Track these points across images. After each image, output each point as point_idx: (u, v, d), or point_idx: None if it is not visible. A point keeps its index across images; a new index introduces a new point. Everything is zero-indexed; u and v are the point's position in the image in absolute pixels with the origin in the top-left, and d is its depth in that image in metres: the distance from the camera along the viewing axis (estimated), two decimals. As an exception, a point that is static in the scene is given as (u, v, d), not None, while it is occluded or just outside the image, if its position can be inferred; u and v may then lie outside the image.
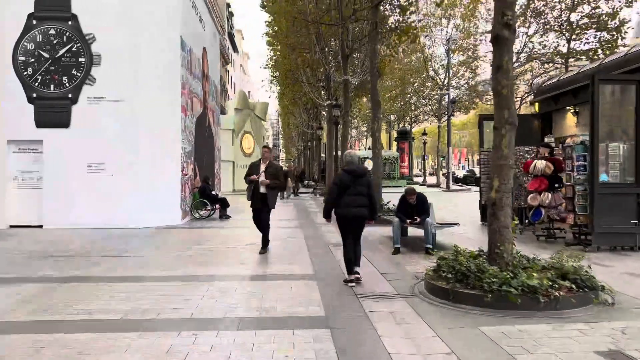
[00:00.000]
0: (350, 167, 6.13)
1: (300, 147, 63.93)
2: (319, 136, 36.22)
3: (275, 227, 12.45)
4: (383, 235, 10.64)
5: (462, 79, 39.08)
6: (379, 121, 13.42)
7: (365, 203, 6.07)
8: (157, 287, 6.07)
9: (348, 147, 23.24)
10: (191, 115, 14.60)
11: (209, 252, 8.77)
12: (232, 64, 70.87)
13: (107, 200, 12.12)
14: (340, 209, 6.06)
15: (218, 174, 20.25)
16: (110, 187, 12.22)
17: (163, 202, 12.73)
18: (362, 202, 6.04)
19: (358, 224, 6.19)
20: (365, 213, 6.10)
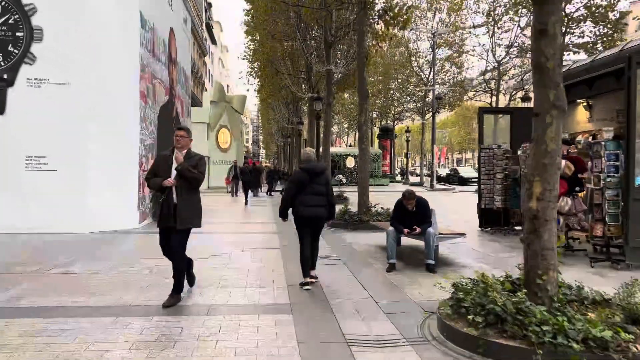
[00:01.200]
0: (307, 165, 5.89)
1: (279, 143, 62.17)
2: (299, 132, 34.54)
3: (248, 232, 10.88)
4: (372, 245, 9.11)
5: (447, 75, 37.89)
6: (366, 113, 11.89)
7: (324, 202, 5.90)
8: (69, 333, 4.40)
9: (331, 141, 21.69)
10: (153, 103, 12.83)
11: (160, 268, 7.10)
12: (210, 56, 68.64)
13: (47, 200, 10.30)
14: (297, 208, 5.84)
15: (188, 170, 18.46)
16: (53, 185, 10.41)
17: (117, 202, 10.98)
18: (320, 201, 5.86)
19: (316, 225, 6.00)
20: (323, 213, 5.92)
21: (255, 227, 11.82)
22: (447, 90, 37.33)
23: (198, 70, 56.12)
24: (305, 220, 5.91)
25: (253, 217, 14.49)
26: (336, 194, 20.70)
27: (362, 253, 8.37)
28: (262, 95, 36.18)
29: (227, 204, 19.43)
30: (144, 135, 11.83)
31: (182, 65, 16.94)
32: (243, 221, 13.42)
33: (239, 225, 12.46)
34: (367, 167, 12.11)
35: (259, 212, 16.42)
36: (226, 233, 10.75)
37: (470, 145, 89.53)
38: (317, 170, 5.90)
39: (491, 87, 26.60)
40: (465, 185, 40.04)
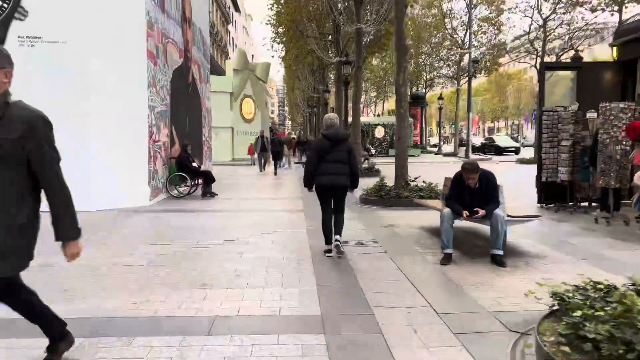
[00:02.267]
0: (329, 132, 5.65)
1: (305, 113, 60.53)
2: (326, 100, 32.90)
3: (271, 209, 9.57)
4: (416, 227, 7.66)
5: (484, 36, 35.36)
6: (405, 72, 10.27)
7: (346, 171, 5.67)
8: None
9: (360, 109, 20.07)
10: (164, 66, 11.48)
11: (166, 256, 5.83)
12: (234, 24, 66.84)
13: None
14: (318, 177, 5.64)
15: (208, 141, 17.23)
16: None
17: (124, 177, 9.80)
18: (342, 170, 5.64)
19: (338, 195, 5.79)
20: (345, 182, 5.69)
21: (280, 204, 10.51)
22: (485, 52, 34.88)
23: (222, 39, 54.55)
24: (326, 190, 5.70)
25: (278, 192, 13.19)
26: (367, 167, 19.32)
27: (405, 238, 6.95)
28: (286, 61, 34.50)
29: (250, 177, 18.18)
30: (153, 102, 10.53)
31: (198, 26, 15.48)
32: (266, 196, 12.12)
33: (261, 201, 11.17)
34: (407, 136, 10.57)
35: (286, 184, 15.11)
36: (246, 211, 9.47)
37: (503, 113, 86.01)
38: (338, 137, 5.65)
39: (536, 48, 24.27)
40: (502, 155, 37.95)
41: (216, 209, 9.89)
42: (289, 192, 12.92)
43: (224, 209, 9.88)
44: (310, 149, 6.04)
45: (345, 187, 5.73)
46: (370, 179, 16.33)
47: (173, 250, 6.11)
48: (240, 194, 12.29)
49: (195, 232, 7.30)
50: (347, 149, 5.69)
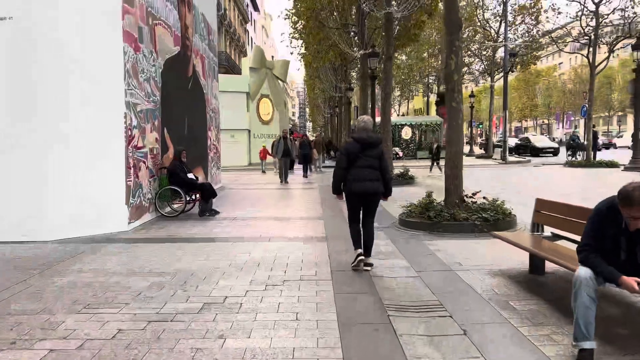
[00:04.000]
0: (360, 135, 5.29)
1: (327, 114, 58.21)
2: (349, 99, 30.50)
3: (283, 237, 7.12)
4: (492, 272, 5.15)
5: (521, 27, 32.42)
6: (458, 54, 7.78)
7: (378, 177, 5.25)
8: None
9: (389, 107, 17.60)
10: (152, 53, 9.24)
11: (88, 351, 3.50)
12: (253, 23, 65.00)
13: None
14: (348, 183, 5.26)
15: (215, 145, 14.98)
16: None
17: (90, 195, 7.56)
18: (373, 175, 5.22)
19: (369, 202, 5.33)
20: (377, 188, 5.26)
21: (296, 228, 8.17)
22: (523, 45, 31.96)
23: (239, 38, 52.67)
24: (358, 197, 5.31)
25: (295, 209, 10.83)
26: (400, 172, 16.86)
27: (482, 294, 4.48)
28: (306, 58, 32.18)
29: (265, 187, 15.84)
30: (134, 98, 8.28)
31: (201, 11, 13.24)
32: (280, 215, 9.76)
33: (272, 223, 8.82)
34: (461, 137, 8.06)
35: (307, 196, 12.74)
36: (250, 240, 7.13)
37: (532, 112, 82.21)
38: (370, 141, 5.27)
39: (589, 37, 21.37)
40: (539, 156, 34.96)
41: (212, 235, 7.57)
42: (308, 208, 10.54)
43: (222, 235, 7.56)
44: (340, 152, 5.52)
45: (378, 193, 5.34)
46: (405, 188, 13.92)
47: (112, 331, 3.77)
48: (247, 211, 9.96)
49: (168, 284, 4.97)
50: (378, 153, 5.29)
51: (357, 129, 5.43)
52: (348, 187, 5.27)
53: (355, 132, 5.42)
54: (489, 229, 7.11)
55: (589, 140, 21.97)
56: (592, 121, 22.36)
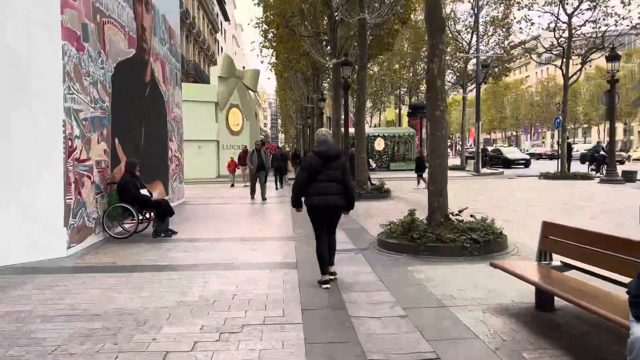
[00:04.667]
0: (321, 149, 5.20)
1: (299, 125, 57.48)
2: (321, 110, 29.76)
3: (247, 263, 6.06)
4: (492, 308, 4.30)
5: (492, 38, 32.40)
6: (441, 58, 7.05)
7: (340, 191, 5.18)
8: None
9: (364, 117, 16.89)
10: (100, 54, 8.21)
11: None
12: (223, 33, 63.97)
13: None
14: (310, 197, 5.15)
15: (177, 157, 13.91)
16: None
17: (22, 216, 6.46)
18: (336, 189, 5.16)
19: (332, 215, 5.28)
20: (340, 202, 5.20)
21: (263, 252, 7.23)
22: (494, 56, 31.93)
23: (209, 47, 51.55)
24: (320, 211, 5.17)
25: (263, 228, 9.89)
26: (376, 186, 16.07)
27: (486, 341, 3.64)
28: (277, 68, 31.37)
29: (232, 203, 14.83)
30: (77, 103, 7.23)
31: (162, 13, 12.25)
32: (246, 235, 8.80)
33: (236, 246, 7.87)
34: (446, 149, 7.30)
35: (277, 213, 11.80)
36: (209, 268, 6.15)
37: (500, 124, 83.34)
38: (331, 154, 5.18)
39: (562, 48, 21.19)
40: (510, 167, 34.94)
41: (164, 261, 6.56)
42: (278, 227, 9.61)
43: (177, 261, 6.56)
44: (300, 167, 5.52)
45: (341, 207, 5.29)
46: (382, 202, 13.12)
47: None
48: (209, 232, 8.95)
49: (97, 332, 3.96)
50: (341, 166, 5.23)
51: (317, 142, 5.29)
52: (310, 202, 5.17)
53: (316, 146, 5.30)
54: (480, 252, 6.35)
55: (563, 152, 21.74)
56: (566, 132, 22.16)
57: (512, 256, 6.44)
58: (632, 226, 8.39)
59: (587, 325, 3.95)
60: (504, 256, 6.41)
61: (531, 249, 6.75)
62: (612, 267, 3.70)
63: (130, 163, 8.49)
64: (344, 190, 5.20)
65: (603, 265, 3.80)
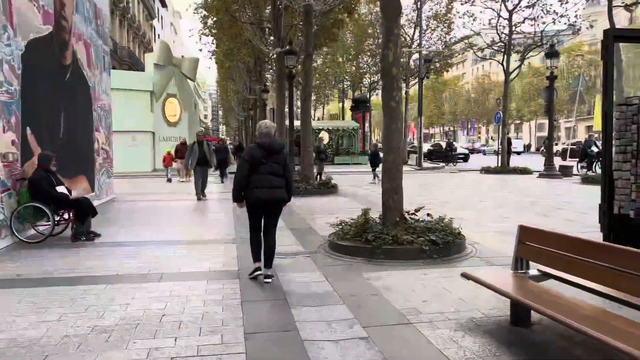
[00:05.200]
0: (264, 141, 5.09)
1: (240, 117, 56.03)
2: (264, 101, 28.83)
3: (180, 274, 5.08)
4: (462, 325, 3.75)
5: (433, 33, 32.71)
6: (397, 44, 6.49)
7: (281, 184, 5.09)
8: None
9: (310, 109, 16.22)
10: (6, 29, 7.02)
11: None
12: (160, 20, 61.18)
13: None
14: (251, 191, 4.98)
15: (105, 150, 12.66)
16: None
17: None
18: (276, 182, 5.05)
19: (272, 209, 5.16)
20: (281, 196, 5.10)
21: (200, 259, 6.41)
22: (436, 52, 32.22)
23: (145, 34, 48.98)
24: (260, 204, 5.05)
25: (201, 229, 9.05)
26: (322, 181, 15.42)
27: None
28: (218, 56, 30.05)
29: (168, 199, 13.76)
30: (-26, 84, 6.06)
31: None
32: (180, 238, 7.92)
33: (167, 251, 7.00)
34: (401, 143, 6.77)
35: (218, 210, 10.91)
36: (132, 280, 5.28)
37: (439, 119, 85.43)
38: (274, 147, 5.09)
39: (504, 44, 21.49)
40: (451, 162, 35.59)
41: (81, 272, 5.60)
42: (218, 227, 8.78)
43: (96, 271, 5.62)
44: (242, 158, 5.17)
45: (283, 200, 5.15)
46: (330, 198, 12.50)
47: None
48: (138, 234, 7.98)
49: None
50: (282, 159, 5.14)
51: (260, 134, 5.19)
52: (250, 195, 5.01)
53: (258, 138, 5.21)
54: (439, 254, 5.87)
55: (503, 147, 22.11)
56: (506, 127, 22.58)
57: (472, 258, 6.01)
58: (585, 223, 8.28)
59: (564, 339, 3.50)
60: (464, 259, 5.97)
61: (490, 250, 6.38)
62: (600, 279, 3.25)
63: (44, 156, 7.36)
64: (285, 184, 5.13)
65: (590, 276, 3.35)
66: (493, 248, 6.56)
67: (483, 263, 5.78)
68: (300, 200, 11.88)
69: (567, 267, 3.51)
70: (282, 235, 7.60)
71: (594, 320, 2.98)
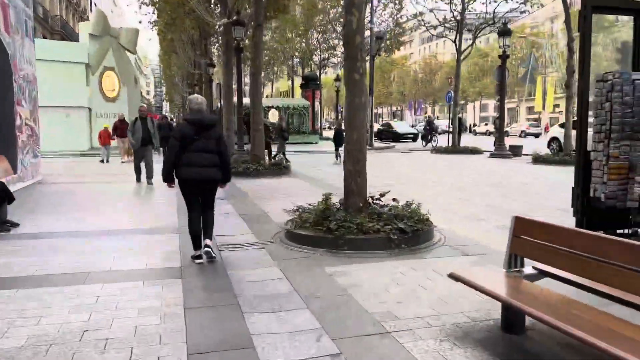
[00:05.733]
0: (194, 116, 4.85)
1: (185, 93, 53.76)
2: (210, 76, 27.43)
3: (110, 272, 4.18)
4: (447, 330, 3.19)
5: (385, 10, 32.21)
6: (361, 9, 5.81)
7: (215, 162, 4.84)
8: None
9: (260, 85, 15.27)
10: None
11: None
12: (96, -13, 57.20)
13: None
14: (182, 169, 4.77)
15: (31, 126, 11.30)
16: None
17: None
18: (208, 161, 4.80)
19: (205, 189, 4.93)
20: (214, 175, 4.87)
21: (135, 254, 5.56)
22: (387, 29, 31.76)
23: (79, 2, 45.57)
24: (192, 184, 4.84)
25: (139, 215, 8.13)
26: (275, 162, 14.55)
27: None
28: (160, 27, 28.19)
29: (102, 182, 12.60)
30: None
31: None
32: (113, 227, 7.00)
33: (98, 244, 6.10)
34: (365, 120, 6.14)
35: (159, 195, 9.95)
36: (53, 282, 4.40)
37: (387, 99, 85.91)
38: (204, 123, 4.82)
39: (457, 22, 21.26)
40: (399, 141, 35.60)
41: (7, 271, 4.65)
42: (158, 214, 7.89)
43: (5, 272, 4.68)
44: (172, 136, 4.86)
45: (215, 180, 4.91)
46: (283, 180, 11.72)
47: None
48: (63, 224, 6.98)
49: None
50: (216, 136, 4.86)
51: (190, 109, 4.93)
52: (181, 174, 4.80)
53: (189, 114, 4.97)
54: (407, 244, 5.33)
55: (455, 126, 22.07)
56: (458, 107, 22.53)
57: (442, 247, 5.52)
58: (546, 205, 8.03)
59: (565, 348, 3.02)
60: (433, 248, 5.46)
61: (459, 237, 5.91)
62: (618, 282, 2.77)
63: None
64: (220, 162, 4.88)
65: (599, 277, 2.86)
66: (460, 234, 6.10)
67: (455, 253, 5.30)
68: (251, 182, 11.10)
69: (573, 268, 3.01)
70: (232, 222, 6.85)
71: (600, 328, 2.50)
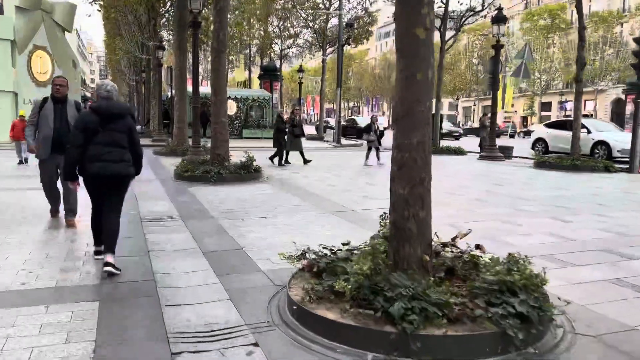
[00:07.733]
0: (99, 104, 4.28)
1: (132, 81, 49.59)
2: (160, 61, 24.22)
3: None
4: None
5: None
6: None
7: (123, 157, 4.30)
8: None
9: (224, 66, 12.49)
10: None
11: None
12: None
13: None
14: (87, 165, 4.22)
15: None
16: None
17: None
18: (116, 155, 4.25)
19: (111, 187, 4.32)
20: (123, 170, 4.30)
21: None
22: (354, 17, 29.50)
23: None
24: (97, 180, 4.26)
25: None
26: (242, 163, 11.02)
27: None
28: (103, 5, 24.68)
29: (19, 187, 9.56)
30: None
31: None
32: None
33: None
34: (428, 113, 3.69)
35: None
36: None
37: (344, 94, 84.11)
38: (112, 112, 4.26)
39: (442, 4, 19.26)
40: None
41: None
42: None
43: None
44: (74, 126, 4.41)
45: (126, 176, 4.38)
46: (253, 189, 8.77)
47: None
48: None
49: None
50: (126, 127, 4.32)
51: (98, 96, 4.33)
52: (87, 169, 4.22)
53: (95, 102, 4.49)
54: (525, 343, 2.89)
55: (436, 123, 20.05)
56: (440, 102, 20.54)
57: (581, 347, 3.08)
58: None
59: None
60: (565, 352, 3.02)
61: (587, 312, 3.43)
62: None
63: None
64: (132, 158, 4.36)
65: None
66: (578, 302, 3.67)
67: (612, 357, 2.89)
68: (213, 192, 8.39)
69: None
70: (194, 272, 4.18)
71: None
